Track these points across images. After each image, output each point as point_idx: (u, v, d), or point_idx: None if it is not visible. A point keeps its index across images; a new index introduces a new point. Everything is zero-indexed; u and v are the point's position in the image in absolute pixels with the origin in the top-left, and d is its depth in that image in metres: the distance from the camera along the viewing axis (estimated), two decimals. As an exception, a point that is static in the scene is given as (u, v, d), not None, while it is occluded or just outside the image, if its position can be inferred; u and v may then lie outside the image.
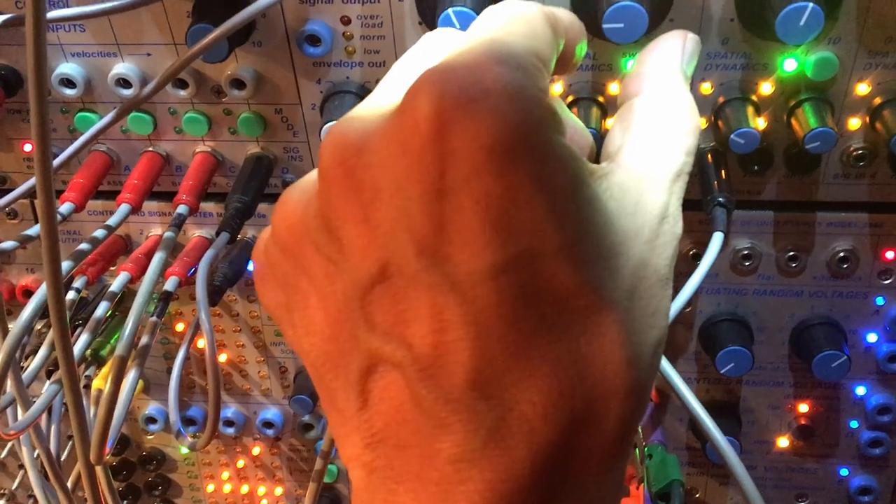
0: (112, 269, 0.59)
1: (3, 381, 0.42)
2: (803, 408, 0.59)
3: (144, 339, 0.50)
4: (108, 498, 0.49)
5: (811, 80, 0.47)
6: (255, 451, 0.67)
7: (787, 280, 0.55)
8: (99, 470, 0.49)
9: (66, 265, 0.50)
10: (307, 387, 0.61)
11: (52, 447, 0.52)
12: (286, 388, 0.64)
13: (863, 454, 0.60)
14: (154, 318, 0.51)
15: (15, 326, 0.43)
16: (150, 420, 0.65)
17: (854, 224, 0.53)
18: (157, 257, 0.48)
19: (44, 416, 0.55)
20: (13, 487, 0.70)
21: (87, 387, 0.56)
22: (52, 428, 0.53)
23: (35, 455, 0.52)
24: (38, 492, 0.52)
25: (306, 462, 0.67)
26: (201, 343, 0.63)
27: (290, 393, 0.62)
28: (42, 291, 0.45)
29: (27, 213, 0.60)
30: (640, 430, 0.58)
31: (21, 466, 0.70)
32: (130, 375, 0.47)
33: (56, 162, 0.51)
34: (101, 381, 0.58)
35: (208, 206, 0.57)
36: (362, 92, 0.51)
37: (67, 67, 0.52)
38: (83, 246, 0.51)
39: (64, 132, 0.55)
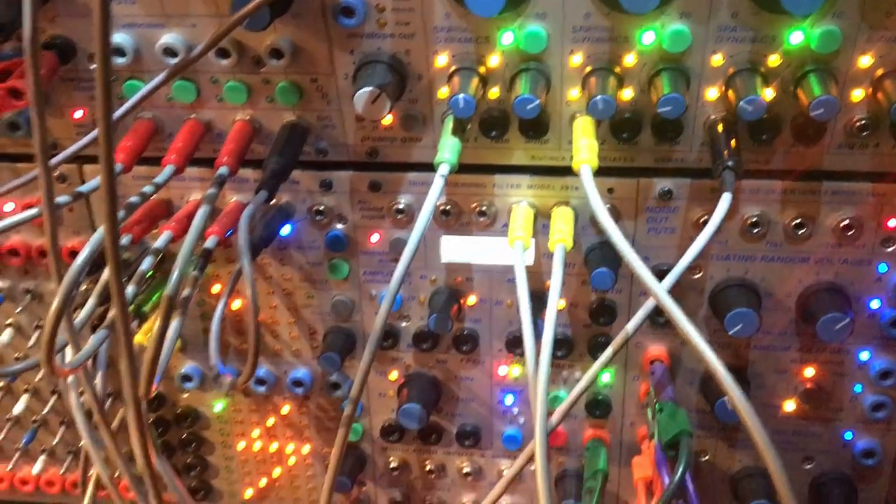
0: (154, 231, 0.63)
1: (60, 320, 0.45)
2: (809, 372, 0.62)
3: (186, 291, 0.54)
4: (147, 439, 0.52)
5: (816, 53, 0.50)
6: (285, 409, 0.70)
7: (794, 247, 0.58)
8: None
9: (98, 236, 0.53)
10: (336, 345, 0.64)
11: (98, 390, 0.55)
12: (315, 348, 0.67)
13: (866, 418, 0.62)
14: (195, 273, 0.54)
15: (71, 268, 0.46)
16: (186, 378, 0.69)
17: (858, 193, 0.56)
18: (202, 210, 0.52)
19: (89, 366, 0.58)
20: (54, 443, 0.74)
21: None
22: (99, 373, 0.57)
23: (81, 399, 0.56)
24: (84, 433, 0.56)
25: (333, 421, 0.70)
26: (236, 305, 0.66)
27: (318, 353, 0.66)
28: (97, 236, 0.48)
29: (75, 179, 0.63)
30: (651, 390, 0.60)
31: (62, 423, 0.73)
32: (175, 321, 0.51)
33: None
34: (142, 336, 0.61)
35: (245, 173, 0.61)
36: (393, 62, 0.54)
37: (118, 37, 0.56)
38: (130, 202, 0.55)
39: (113, 99, 0.59)
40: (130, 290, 0.56)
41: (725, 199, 0.50)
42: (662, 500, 0.50)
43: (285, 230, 0.62)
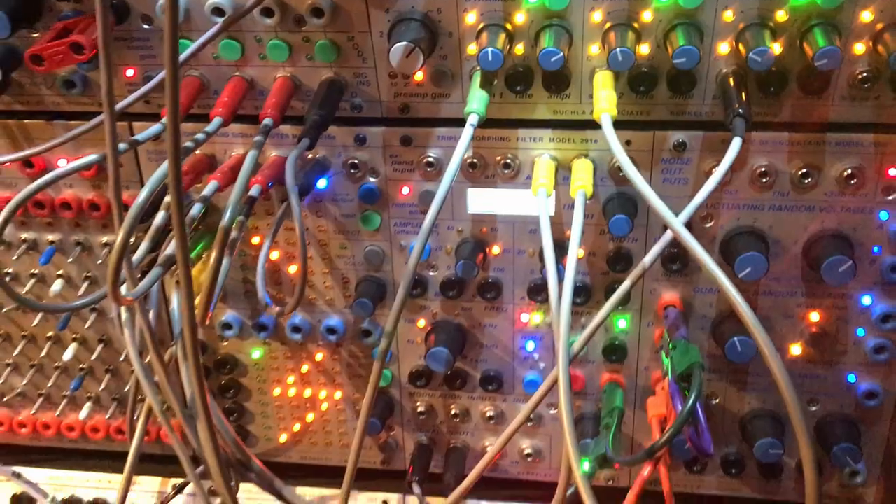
0: (198, 185, 0.67)
1: (125, 250, 0.50)
2: (814, 317, 0.65)
3: (234, 234, 0.58)
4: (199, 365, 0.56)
5: (821, 8, 0.54)
6: (318, 356, 0.74)
7: (800, 196, 0.61)
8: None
9: (159, 174, 0.57)
10: (368, 292, 0.68)
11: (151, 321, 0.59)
12: (348, 297, 0.71)
13: (868, 360, 0.66)
14: (241, 217, 0.58)
15: (136, 202, 0.50)
16: (226, 326, 0.73)
17: (860, 143, 0.59)
18: (251, 154, 0.56)
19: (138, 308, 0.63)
20: (99, 389, 0.78)
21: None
22: (151, 312, 0.61)
23: (136, 332, 0.60)
24: (136, 366, 0.60)
25: (364, 367, 0.74)
26: (273, 256, 0.71)
27: (351, 301, 0.70)
28: (158, 172, 0.52)
29: (125, 136, 0.67)
30: (665, 332, 0.64)
31: (107, 370, 0.78)
32: (226, 258, 0.55)
33: (158, 78, 0.59)
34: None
35: (284, 129, 0.65)
36: (425, 19, 0.58)
37: (169, -1, 0.60)
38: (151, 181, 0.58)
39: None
40: (180, 234, 0.60)
41: (736, 143, 0.54)
42: (675, 425, 0.54)
43: (321, 183, 0.67)
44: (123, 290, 0.58)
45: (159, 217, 0.60)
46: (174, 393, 0.60)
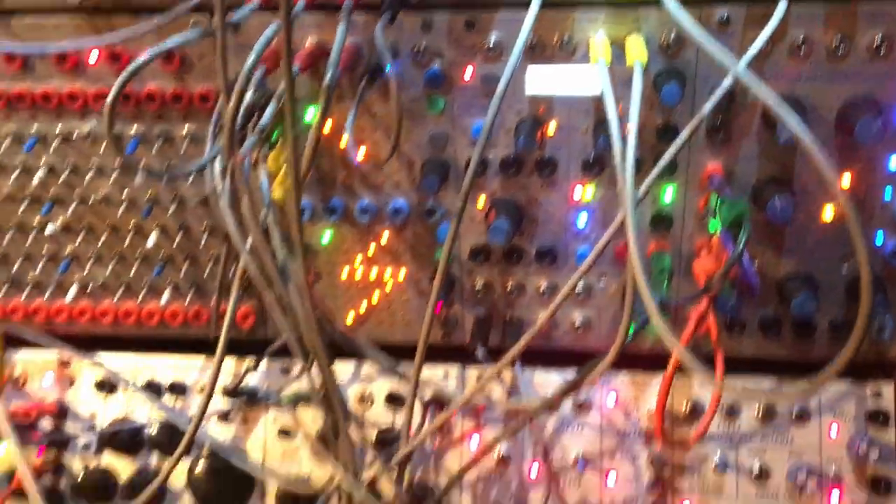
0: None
1: (238, 111, 0.55)
2: (846, 179, 0.71)
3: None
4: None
5: None
6: (384, 238, 0.80)
7: (835, 65, 0.67)
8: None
9: (267, 35, 0.63)
10: (434, 171, 0.74)
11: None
12: (412, 181, 0.77)
13: None
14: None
15: (244, 68, 0.56)
16: (299, 210, 0.79)
17: (890, 13, 0.65)
18: (342, 26, 0.61)
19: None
20: (180, 276, 0.84)
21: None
22: (245, 175, 0.67)
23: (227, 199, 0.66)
24: (233, 230, 0.66)
25: (427, 248, 0.80)
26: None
27: (416, 183, 0.76)
28: (270, 30, 0.58)
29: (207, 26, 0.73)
30: (713, 194, 0.70)
31: (187, 258, 0.83)
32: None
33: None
34: (273, 162, 0.72)
35: (356, 19, 0.70)
36: None
37: None
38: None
39: (244, -48, 0.69)
40: (268, 113, 0.66)
41: (782, 5, 0.60)
42: (730, 259, 0.61)
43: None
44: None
45: (248, 96, 0.66)
46: (265, 248, 0.66)
